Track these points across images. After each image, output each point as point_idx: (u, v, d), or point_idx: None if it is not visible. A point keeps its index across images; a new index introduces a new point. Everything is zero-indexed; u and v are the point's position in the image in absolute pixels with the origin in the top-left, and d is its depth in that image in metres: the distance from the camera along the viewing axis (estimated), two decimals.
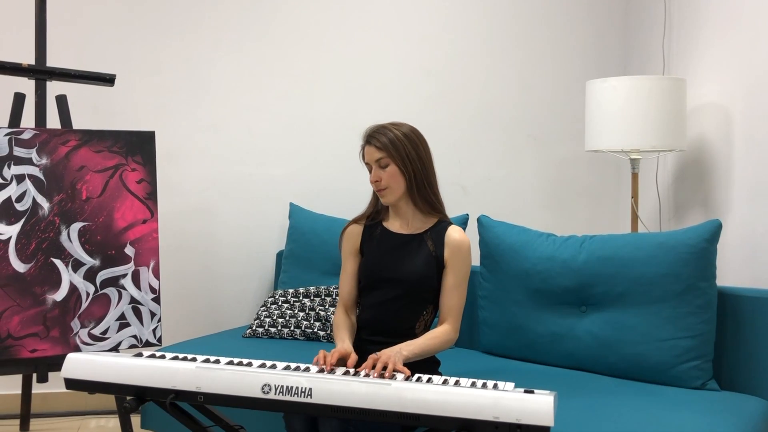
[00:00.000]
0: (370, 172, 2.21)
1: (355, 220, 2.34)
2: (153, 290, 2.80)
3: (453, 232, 2.21)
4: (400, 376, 1.74)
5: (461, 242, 2.19)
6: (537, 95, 3.73)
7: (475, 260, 3.07)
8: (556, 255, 2.56)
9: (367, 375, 1.76)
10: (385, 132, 2.18)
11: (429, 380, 1.70)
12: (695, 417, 1.99)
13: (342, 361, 1.96)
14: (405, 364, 1.96)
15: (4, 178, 2.65)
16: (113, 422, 3.25)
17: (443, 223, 2.25)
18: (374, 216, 2.33)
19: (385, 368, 1.83)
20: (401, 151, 2.16)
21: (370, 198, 2.36)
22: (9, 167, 2.66)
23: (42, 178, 2.69)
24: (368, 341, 2.21)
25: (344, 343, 2.11)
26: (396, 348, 1.98)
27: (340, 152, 3.56)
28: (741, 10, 2.84)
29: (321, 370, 1.80)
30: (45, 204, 2.69)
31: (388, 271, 2.20)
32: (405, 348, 1.99)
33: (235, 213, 3.51)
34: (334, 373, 1.77)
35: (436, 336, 2.10)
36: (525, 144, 3.73)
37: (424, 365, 2.18)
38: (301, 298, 3.02)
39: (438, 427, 1.58)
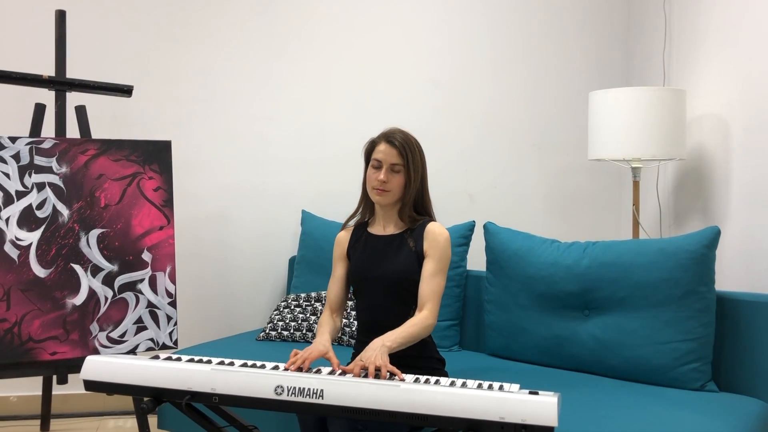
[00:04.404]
0: (375, 168, 2.21)
1: (345, 228, 2.37)
2: (169, 295, 2.83)
3: (432, 227, 2.22)
4: (409, 378, 1.77)
5: (440, 234, 2.20)
6: (541, 106, 3.75)
7: (481, 266, 3.11)
8: (559, 260, 2.59)
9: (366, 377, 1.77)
10: (403, 138, 2.20)
11: (437, 382, 1.71)
12: (695, 417, 2.02)
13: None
14: (400, 358, 2.01)
15: (25, 186, 2.68)
16: (131, 423, 3.26)
17: (425, 220, 2.27)
18: (361, 221, 2.36)
19: (379, 371, 1.82)
20: (414, 162, 2.20)
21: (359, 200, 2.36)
22: (30, 175, 2.69)
23: (62, 186, 2.73)
24: (367, 343, 2.18)
25: (323, 336, 2.11)
26: (378, 342, 1.96)
27: (351, 160, 3.59)
28: (739, 23, 2.86)
29: (318, 371, 1.83)
30: (65, 211, 2.72)
31: (371, 271, 2.23)
32: (387, 339, 1.98)
33: (249, 220, 3.54)
34: (312, 372, 1.79)
35: (415, 323, 2.08)
36: (530, 153, 3.75)
37: (429, 364, 2.22)
38: (312, 302, 3.06)
39: (445, 427, 1.60)
